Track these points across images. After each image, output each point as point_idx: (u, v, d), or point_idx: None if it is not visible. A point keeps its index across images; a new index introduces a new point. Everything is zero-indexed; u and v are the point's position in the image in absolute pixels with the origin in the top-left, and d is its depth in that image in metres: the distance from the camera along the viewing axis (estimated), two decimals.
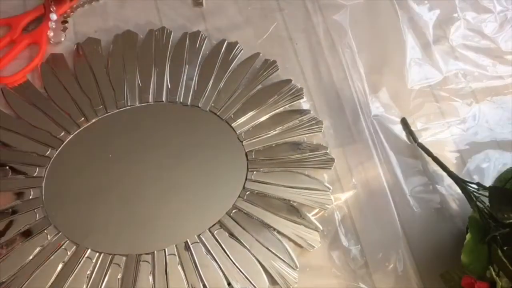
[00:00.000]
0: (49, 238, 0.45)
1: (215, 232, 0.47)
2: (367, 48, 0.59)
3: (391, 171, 0.52)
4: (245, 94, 0.54)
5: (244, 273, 0.45)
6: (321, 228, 0.48)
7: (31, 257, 0.44)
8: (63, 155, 0.50)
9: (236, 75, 0.55)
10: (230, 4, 0.60)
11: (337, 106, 0.55)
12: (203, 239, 0.46)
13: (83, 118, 0.52)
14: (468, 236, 0.43)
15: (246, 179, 0.50)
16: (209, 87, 0.54)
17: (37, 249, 0.45)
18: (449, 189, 0.52)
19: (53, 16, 0.56)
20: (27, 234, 0.45)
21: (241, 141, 0.52)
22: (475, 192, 0.47)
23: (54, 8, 0.56)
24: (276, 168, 0.50)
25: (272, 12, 0.60)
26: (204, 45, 0.57)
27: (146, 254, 0.45)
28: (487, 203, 0.45)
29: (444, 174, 0.50)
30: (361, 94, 0.56)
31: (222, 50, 0.56)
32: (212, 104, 0.53)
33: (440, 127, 0.55)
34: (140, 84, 0.54)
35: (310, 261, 0.47)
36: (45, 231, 0.46)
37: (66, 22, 0.57)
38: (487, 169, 0.53)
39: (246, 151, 0.51)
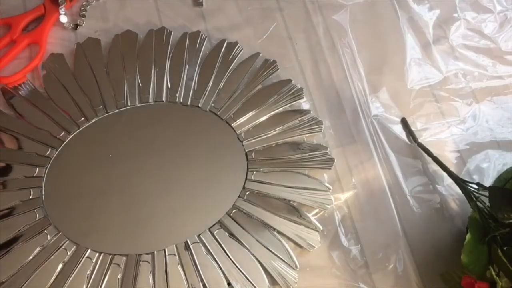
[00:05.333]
0: (49, 238, 0.45)
1: (215, 232, 0.47)
2: (367, 48, 0.59)
3: (391, 171, 0.52)
4: (245, 94, 0.54)
5: (244, 273, 0.45)
6: (321, 228, 0.48)
7: (31, 257, 0.44)
8: (63, 155, 0.50)
9: (236, 75, 0.55)
10: (230, 4, 0.60)
11: (337, 106, 0.55)
12: (203, 239, 0.46)
13: (83, 118, 0.52)
14: (468, 236, 0.43)
15: (246, 179, 0.50)
16: (209, 87, 0.54)
17: (37, 249, 0.45)
18: (449, 189, 0.52)
19: (64, 18, 0.57)
20: (27, 234, 0.45)
21: (241, 141, 0.51)
22: (475, 192, 0.47)
23: (65, 11, 0.57)
24: (276, 168, 0.50)
25: (272, 12, 0.60)
26: (204, 45, 0.57)
27: (146, 254, 0.45)
28: (487, 203, 0.45)
29: (444, 174, 0.50)
30: (361, 94, 0.56)
31: (222, 50, 0.56)
32: (212, 104, 0.53)
33: (440, 127, 0.55)
34: (140, 84, 0.54)
35: (310, 261, 0.47)
36: (45, 231, 0.46)
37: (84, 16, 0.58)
38: (487, 169, 0.53)
39: (246, 151, 0.51)
